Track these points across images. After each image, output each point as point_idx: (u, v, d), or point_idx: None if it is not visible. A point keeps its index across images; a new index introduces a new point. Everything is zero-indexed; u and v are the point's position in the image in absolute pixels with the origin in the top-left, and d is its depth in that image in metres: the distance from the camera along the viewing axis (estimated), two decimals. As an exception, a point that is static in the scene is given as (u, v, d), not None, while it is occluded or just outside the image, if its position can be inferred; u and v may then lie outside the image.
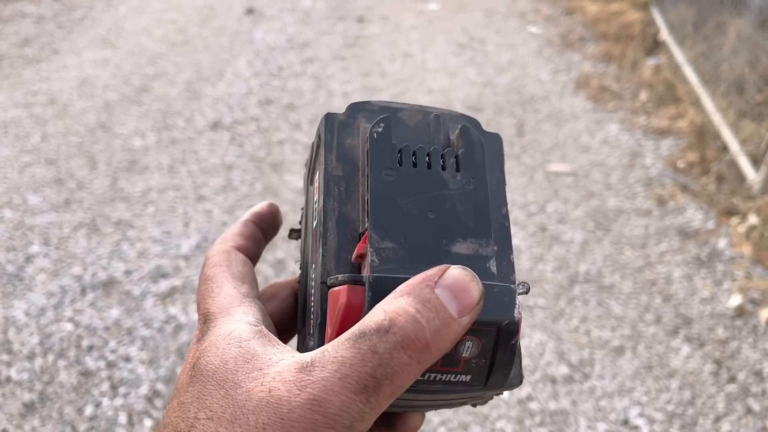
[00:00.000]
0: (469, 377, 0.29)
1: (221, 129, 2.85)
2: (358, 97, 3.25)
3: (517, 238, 2.27)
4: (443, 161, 0.31)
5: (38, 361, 1.65)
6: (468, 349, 0.28)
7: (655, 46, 4.03)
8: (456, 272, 0.27)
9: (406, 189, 0.30)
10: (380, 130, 0.31)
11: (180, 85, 3.26)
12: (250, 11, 4.44)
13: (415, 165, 0.30)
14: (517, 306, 0.28)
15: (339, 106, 3.15)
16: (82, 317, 1.77)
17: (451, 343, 0.26)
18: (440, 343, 0.26)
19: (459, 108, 3.20)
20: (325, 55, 3.76)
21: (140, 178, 2.45)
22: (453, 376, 0.29)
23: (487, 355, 0.28)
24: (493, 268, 0.29)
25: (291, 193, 2.43)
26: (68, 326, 1.75)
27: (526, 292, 0.30)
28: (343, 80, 3.44)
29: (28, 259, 1.98)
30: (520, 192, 2.55)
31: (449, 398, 0.31)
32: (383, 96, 3.29)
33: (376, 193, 0.29)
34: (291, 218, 2.28)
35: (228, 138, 2.78)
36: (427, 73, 3.59)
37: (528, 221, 2.37)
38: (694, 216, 2.41)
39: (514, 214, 2.41)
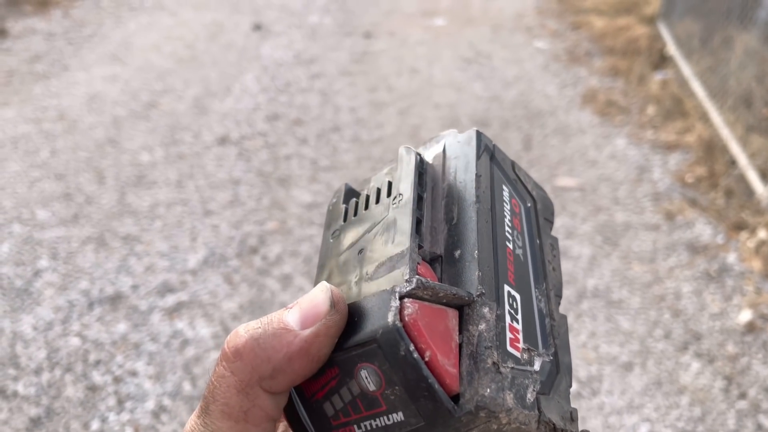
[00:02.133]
0: (400, 413, 0.25)
1: (229, 144, 2.86)
2: (364, 113, 3.26)
3: (525, 253, 2.26)
4: (378, 195, 0.31)
5: (45, 376, 1.65)
6: (367, 379, 0.25)
7: (662, 60, 4.04)
8: (314, 289, 0.27)
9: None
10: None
11: (188, 101, 3.29)
12: (257, 27, 4.48)
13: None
14: (393, 309, 0.24)
15: (346, 121, 3.16)
16: (90, 332, 1.77)
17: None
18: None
19: (465, 122, 3.21)
20: (332, 70, 3.78)
21: (148, 193, 2.46)
22: (385, 418, 0.25)
23: (394, 379, 0.24)
24: (405, 285, 0.25)
25: (298, 207, 2.43)
26: (75, 341, 1.75)
27: (415, 287, 0.25)
28: (350, 95, 3.46)
29: (37, 273, 1.99)
30: (527, 206, 2.54)
31: None
32: (390, 111, 3.30)
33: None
34: (297, 233, 2.28)
35: (235, 153, 2.80)
36: (434, 88, 3.60)
37: (535, 236, 2.36)
38: (703, 231, 2.39)
39: (522, 228, 2.41)
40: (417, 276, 0.25)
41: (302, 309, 0.26)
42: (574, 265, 2.21)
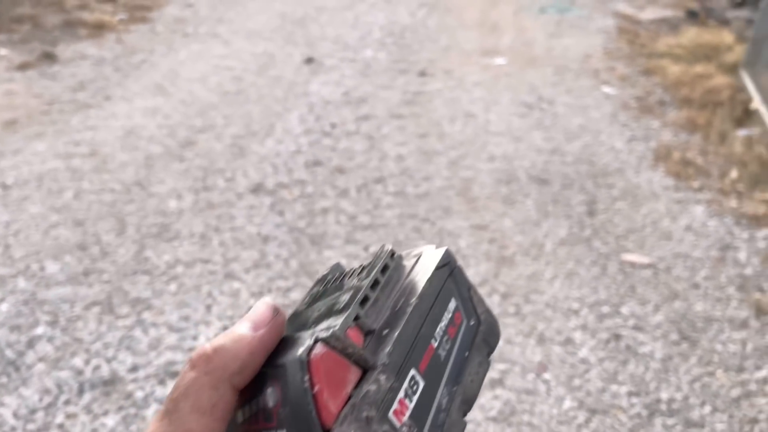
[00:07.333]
0: (284, 431, 0.29)
1: (263, 193, 2.64)
2: (412, 162, 3.01)
3: (586, 348, 1.94)
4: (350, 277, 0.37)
5: (19, 475, 1.43)
6: (272, 397, 0.29)
7: (746, 115, 3.65)
8: (255, 305, 0.33)
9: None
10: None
11: (226, 140, 3.10)
12: (309, 60, 4.31)
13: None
14: (306, 346, 0.29)
15: (392, 171, 2.91)
16: (74, 425, 1.54)
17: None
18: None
19: (523, 178, 2.91)
20: (382, 111, 3.55)
21: (168, 247, 2.25)
22: None
23: (287, 400, 0.29)
24: (325, 332, 0.29)
25: (329, 274, 2.18)
26: None
27: (329, 336, 0.29)
28: (399, 141, 3.21)
29: (31, 342, 1.78)
30: (591, 286, 2.22)
31: None
32: (441, 160, 3.03)
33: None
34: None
35: (269, 204, 2.57)
36: (490, 137, 3.32)
37: (599, 325, 2.04)
38: (803, 333, 2.02)
39: (583, 314, 2.08)
40: (335, 330, 0.29)
41: (251, 319, 0.31)
42: (645, 368, 1.88)
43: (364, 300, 0.32)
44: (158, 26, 4.95)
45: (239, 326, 0.31)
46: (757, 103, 3.68)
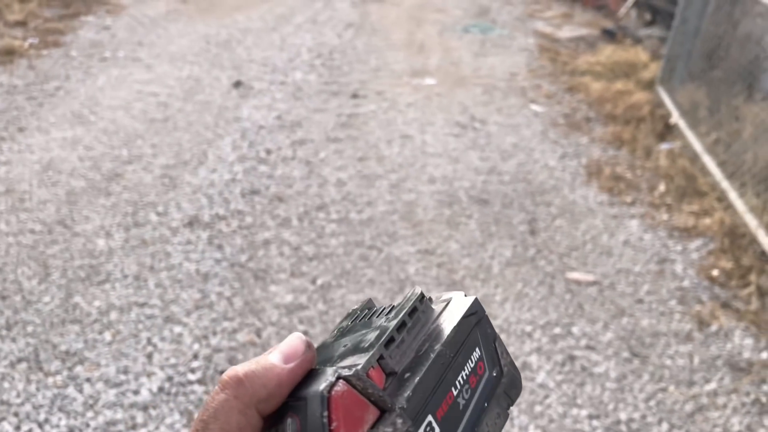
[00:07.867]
0: None
1: (198, 227, 2.51)
2: (353, 187, 2.95)
3: (543, 372, 1.93)
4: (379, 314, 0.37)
5: None
6: (291, 427, 0.30)
7: (667, 130, 3.81)
8: (289, 337, 0.33)
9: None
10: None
11: (156, 171, 2.94)
12: (237, 84, 4.19)
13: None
14: (328, 383, 0.29)
15: (333, 197, 2.84)
16: (4, 503, 1.38)
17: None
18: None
19: (464, 199, 2.91)
20: (318, 135, 3.48)
21: (99, 291, 2.09)
22: None
23: None
24: (347, 370, 0.30)
25: (276, 311, 2.08)
26: None
27: (351, 375, 0.29)
28: (338, 166, 3.14)
29: (-53, 410, 1.60)
30: (540, 307, 2.22)
31: None
32: (382, 184, 2.99)
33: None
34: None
35: (206, 238, 2.45)
36: (428, 158, 3.31)
37: (553, 347, 2.03)
38: (743, 343, 2.09)
39: (536, 336, 2.08)
40: (357, 369, 0.30)
41: (283, 351, 0.32)
42: (601, 387, 1.88)
43: (390, 341, 0.32)
44: (72, 51, 4.70)
45: (271, 355, 0.32)
46: (675, 117, 3.85)
